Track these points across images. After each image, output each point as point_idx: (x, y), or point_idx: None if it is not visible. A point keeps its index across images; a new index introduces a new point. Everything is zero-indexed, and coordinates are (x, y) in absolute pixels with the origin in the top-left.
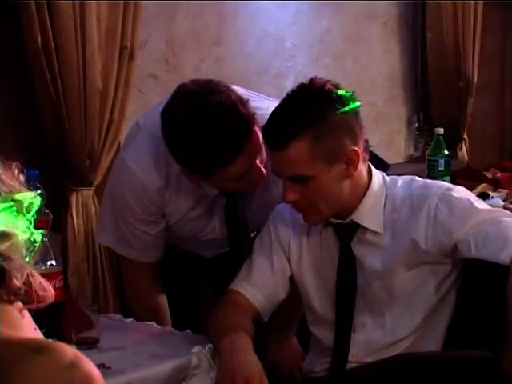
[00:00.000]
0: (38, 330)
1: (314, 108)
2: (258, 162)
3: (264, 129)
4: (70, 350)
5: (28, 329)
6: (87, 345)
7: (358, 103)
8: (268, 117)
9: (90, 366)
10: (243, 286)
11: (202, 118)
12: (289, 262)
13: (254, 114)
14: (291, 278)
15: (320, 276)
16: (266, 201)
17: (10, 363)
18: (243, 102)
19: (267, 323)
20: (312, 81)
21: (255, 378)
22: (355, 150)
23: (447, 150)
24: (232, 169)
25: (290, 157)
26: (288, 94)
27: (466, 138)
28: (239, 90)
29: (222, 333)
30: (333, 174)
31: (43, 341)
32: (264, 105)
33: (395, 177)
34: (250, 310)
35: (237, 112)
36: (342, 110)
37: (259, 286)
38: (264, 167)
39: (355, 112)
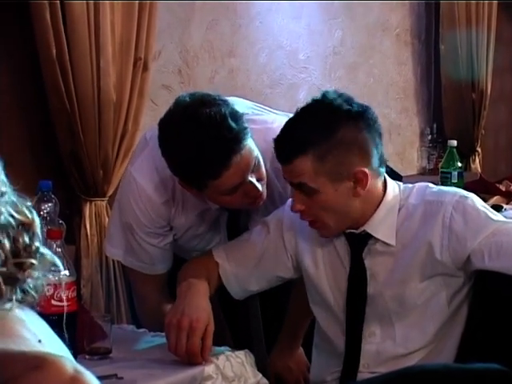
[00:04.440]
0: (44, 342)
1: (321, 125)
2: (251, 177)
3: (274, 142)
4: (69, 365)
5: (29, 342)
6: (100, 355)
7: (372, 116)
8: (273, 130)
9: (90, 380)
10: (220, 256)
11: (191, 130)
12: (292, 261)
13: (245, 129)
14: (279, 277)
15: (334, 279)
16: (270, 213)
17: (7, 381)
18: (235, 117)
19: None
20: (323, 96)
21: (200, 321)
22: (363, 171)
23: (460, 162)
24: (220, 182)
25: (295, 170)
26: (301, 109)
27: (479, 150)
28: (245, 103)
29: (185, 278)
30: (340, 192)
31: (42, 356)
32: (270, 118)
33: (409, 185)
34: (216, 277)
35: (226, 126)
36: (352, 127)
37: (235, 264)
38: (264, 183)
39: (368, 126)
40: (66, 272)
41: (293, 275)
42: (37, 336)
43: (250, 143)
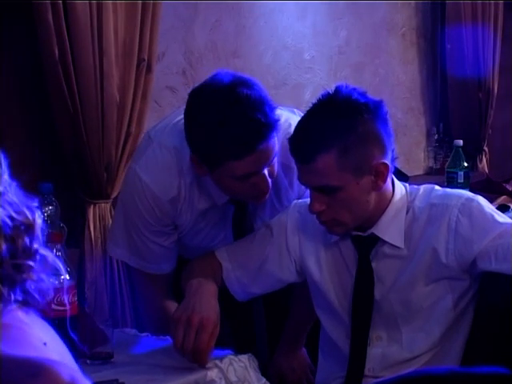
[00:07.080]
0: (50, 344)
1: (341, 120)
2: (266, 170)
3: (290, 142)
4: (66, 373)
5: (35, 345)
6: (101, 360)
7: (385, 109)
8: (280, 125)
9: None
10: (223, 257)
11: (228, 104)
12: (295, 265)
13: (277, 121)
14: (281, 281)
15: (339, 283)
16: (278, 211)
17: None
18: (271, 107)
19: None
20: (338, 90)
21: (210, 321)
22: (384, 164)
23: (467, 162)
24: (238, 165)
25: (318, 169)
26: (314, 105)
27: (486, 149)
28: None
29: (192, 276)
30: (361, 185)
31: (40, 363)
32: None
33: (415, 186)
34: (219, 278)
35: (262, 110)
36: (371, 119)
37: (238, 267)
38: (271, 181)
39: (384, 119)
40: (67, 276)
41: (296, 279)
42: (42, 339)
43: (276, 137)
